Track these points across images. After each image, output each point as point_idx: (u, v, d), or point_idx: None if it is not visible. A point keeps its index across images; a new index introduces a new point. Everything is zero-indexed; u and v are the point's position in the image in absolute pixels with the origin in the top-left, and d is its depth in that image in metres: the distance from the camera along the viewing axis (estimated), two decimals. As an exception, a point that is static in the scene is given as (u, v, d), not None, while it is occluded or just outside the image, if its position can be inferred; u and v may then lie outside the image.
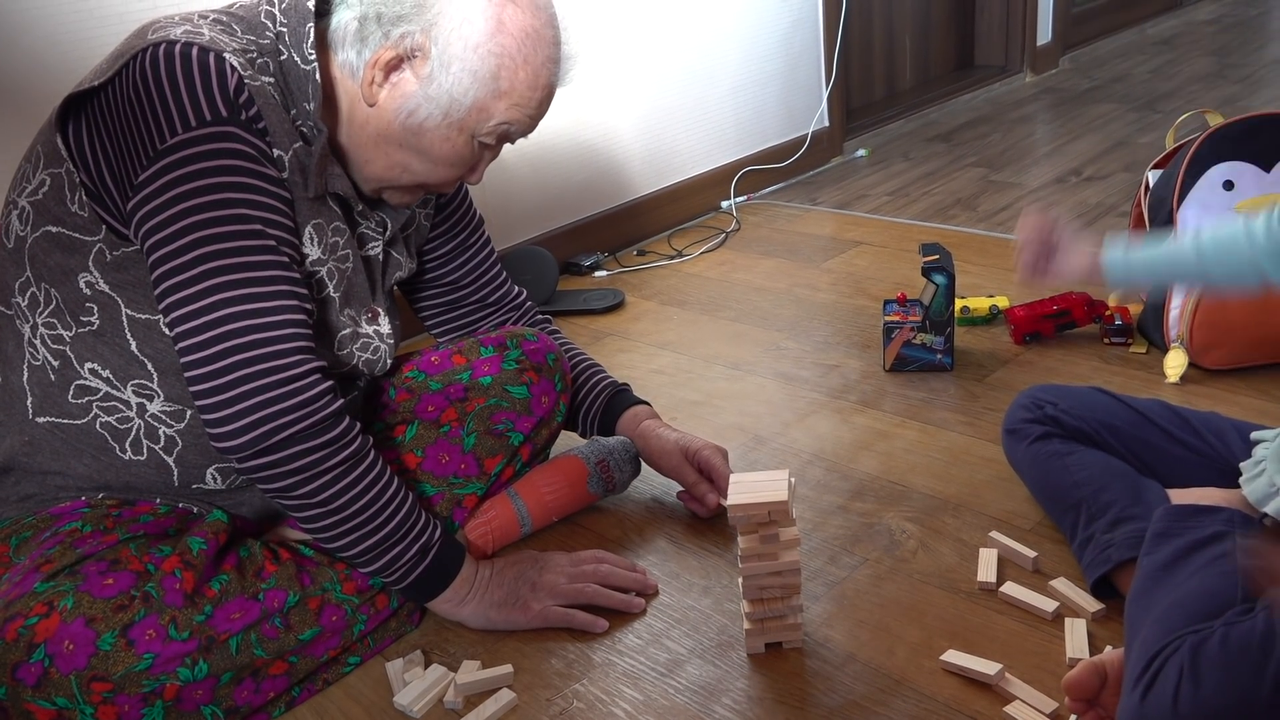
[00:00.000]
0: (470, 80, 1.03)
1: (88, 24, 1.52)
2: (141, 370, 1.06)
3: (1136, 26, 4.23)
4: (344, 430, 1.05)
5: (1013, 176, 2.66)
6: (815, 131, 2.81)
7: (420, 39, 1.02)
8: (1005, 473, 1.38)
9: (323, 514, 1.05)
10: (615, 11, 2.25)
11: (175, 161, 0.96)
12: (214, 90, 0.97)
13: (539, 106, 1.09)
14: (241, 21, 1.05)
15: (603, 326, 2.01)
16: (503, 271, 1.43)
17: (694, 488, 1.35)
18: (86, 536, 1.03)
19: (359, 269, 1.15)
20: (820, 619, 1.15)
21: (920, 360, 1.68)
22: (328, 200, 1.10)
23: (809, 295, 2.05)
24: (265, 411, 0.99)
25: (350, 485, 1.05)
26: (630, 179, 2.40)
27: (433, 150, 1.08)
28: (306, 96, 1.04)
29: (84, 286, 1.04)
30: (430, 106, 1.04)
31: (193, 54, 0.97)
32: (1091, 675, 0.94)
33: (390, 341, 1.20)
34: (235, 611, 1.03)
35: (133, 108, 0.97)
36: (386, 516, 1.08)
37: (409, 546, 1.10)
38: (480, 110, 1.05)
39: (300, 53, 1.04)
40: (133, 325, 1.05)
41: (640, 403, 1.42)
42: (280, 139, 1.03)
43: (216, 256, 0.97)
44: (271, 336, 0.99)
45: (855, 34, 3.13)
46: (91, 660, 0.95)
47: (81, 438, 1.07)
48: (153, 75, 0.96)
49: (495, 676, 1.10)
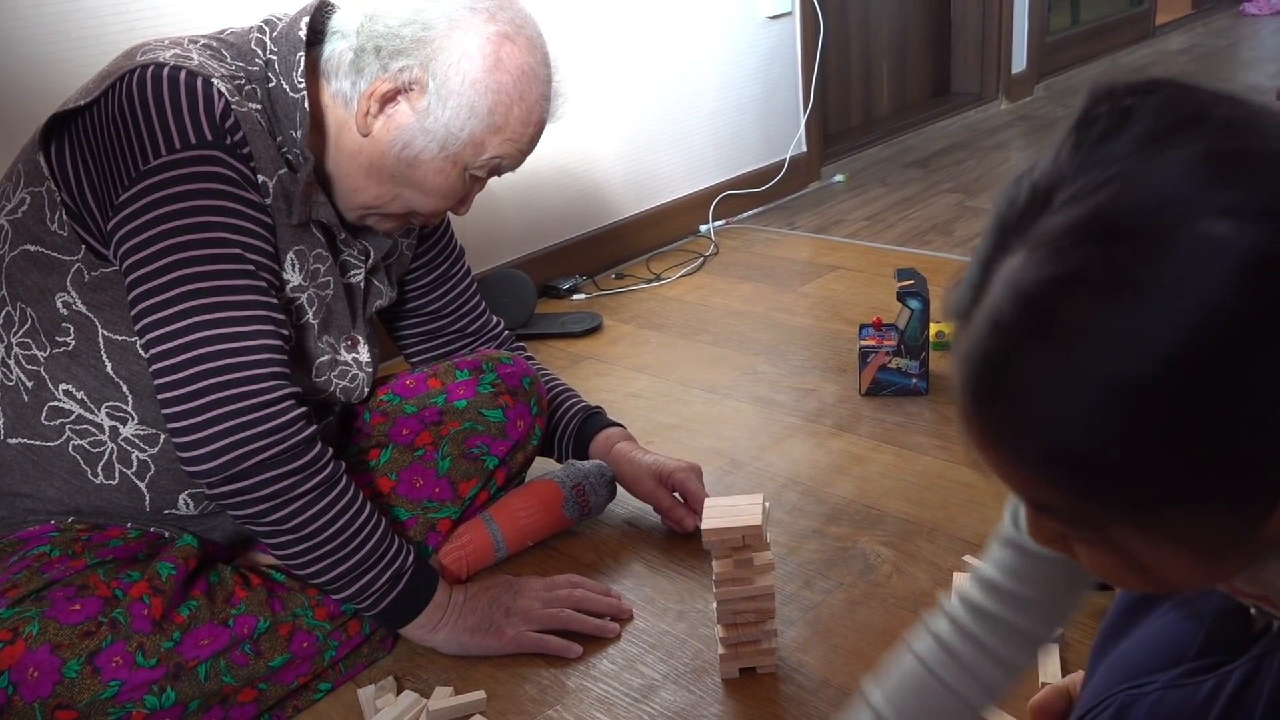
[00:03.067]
0: (467, 115, 1.05)
1: (64, 46, 1.52)
2: (116, 392, 1.05)
3: (1109, 56, 4.29)
4: (316, 456, 1.04)
5: (988, 202, 2.68)
6: (793, 157, 2.83)
7: (418, 73, 1.04)
8: (979, 496, 1.39)
9: (293, 540, 1.04)
10: (595, 37, 2.27)
11: (158, 183, 0.96)
12: (200, 114, 0.97)
13: (530, 142, 1.12)
14: (231, 48, 1.06)
15: (580, 350, 2.01)
16: (482, 302, 1.44)
17: (670, 512, 1.35)
18: (54, 561, 1.02)
19: (340, 296, 1.15)
20: (795, 644, 1.15)
21: (896, 384, 1.69)
22: (311, 227, 1.10)
23: (786, 319, 2.06)
24: (236, 436, 0.98)
25: (321, 512, 1.04)
26: (609, 203, 2.41)
27: (425, 182, 1.09)
28: (294, 124, 1.04)
29: (61, 306, 1.03)
30: (425, 139, 1.06)
31: (180, 77, 0.97)
32: (1056, 698, 0.94)
33: (369, 370, 1.20)
34: (204, 638, 1.02)
35: (118, 128, 0.97)
36: (358, 544, 1.07)
37: (380, 573, 1.09)
38: (475, 145, 1.07)
39: (290, 81, 1.04)
40: (109, 346, 1.04)
41: (613, 425, 1.42)
42: (265, 165, 1.03)
43: (194, 279, 0.97)
44: (245, 361, 0.99)
45: (833, 60, 3.16)
46: (57, 688, 0.94)
47: (53, 460, 1.06)
48: (139, 97, 0.97)
49: (468, 703, 1.09)
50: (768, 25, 2.68)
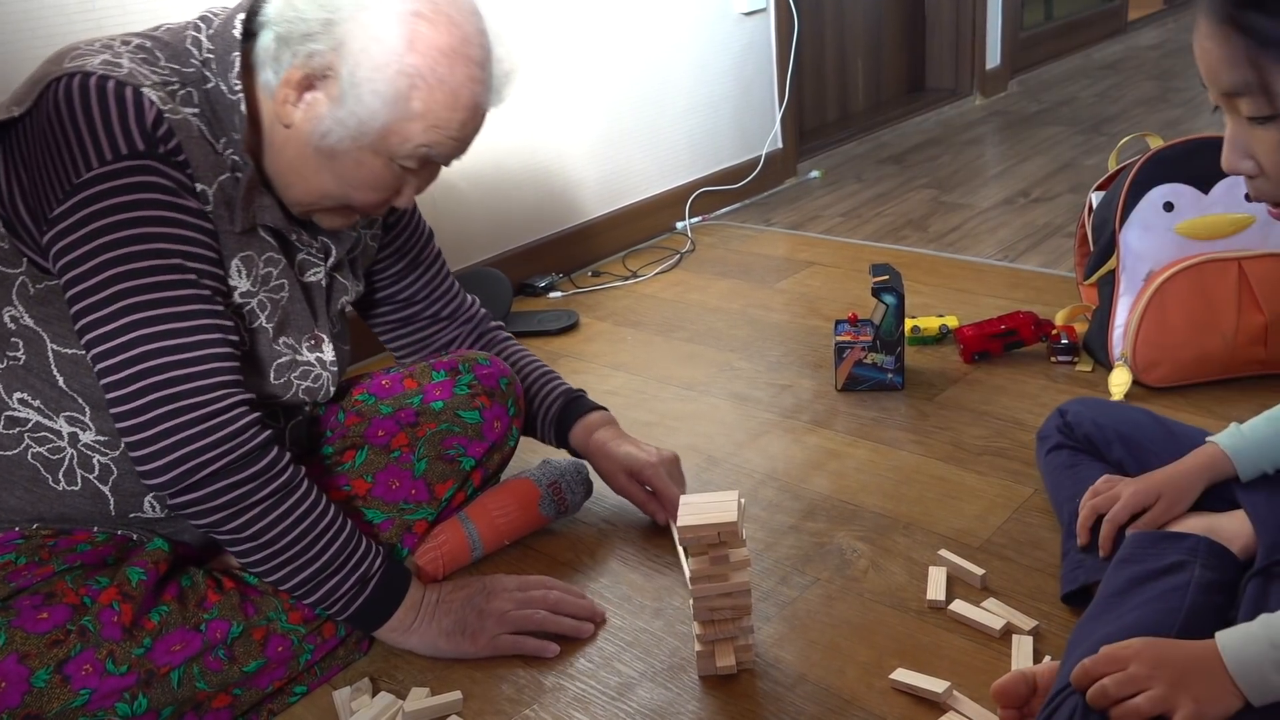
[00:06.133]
0: (378, 103, 0.99)
1: (30, 43, 1.50)
2: (73, 404, 1.03)
3: (1083, 51, 4.32)
4: (271, 462, 1.03)
5: (963, 198, 2.70)
6: (769, 153, 2.83)
7: (330, 58, 0.98)
8: (954, 491, 1.40)
9: (254, 548, 1.03)
10: (568, 33, 2.26)
11: (91, 196, 0.94)
12: (130, 124, 0.94)
13: (462, 128, 1.04)
14: (166, 48, 1.03)
15: (557, 348, 2.00)
16: (454, 284, 1.42)
17: (644, 507, 1.36)
18: (21, 569, 1.01)
19: (297, 298, 1.13)
20: (771, 639, 1.16)
21: (871, 380, 1.70)
22: (258, 231, 1.07)
23: (762, 315, 2.06)
24: (188, 448, 0.97)
25: (280, 518, 1.03)
26: (585, 200, 2.41)
27: (348, 174, 1.05)
28: (234, 126, 1.02)
29: (8, 321, 1.01)
30: (340, 130, 1.01)
31: (109, 87, 0.94)
32: (1019, 683, 0.95)
33: (334, 369, 1.18)
34: (176, 643, 1.01)
35: (46, 141, 0.95)
36: (320, 548, 1.06)
37: (346, 577, 1.08)
38: (393, 133, 1.01)
39: (226, 82, 1.01)
40: (59, 360, 1.02)
41: (594, 409, 1.41)
42: (204, 173, 1.01)
43: (134, 293, 0.95)
44: (191, 372, 0.98)
45: (808, 57, 3.17)
46: (25, 698, 0.93)
47: (12, 469, 1.04)
48: (66, 109, 0.94)
49: (444, 704, 1.08)
50: (742, 21, 2.68)
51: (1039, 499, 1.36)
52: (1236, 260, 1.54)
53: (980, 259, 2.25)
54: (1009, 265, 2.20)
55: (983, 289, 2.07)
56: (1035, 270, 2.15)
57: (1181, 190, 1.59)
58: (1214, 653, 0.82)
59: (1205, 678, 0.80)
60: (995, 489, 1.40)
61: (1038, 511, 1.34)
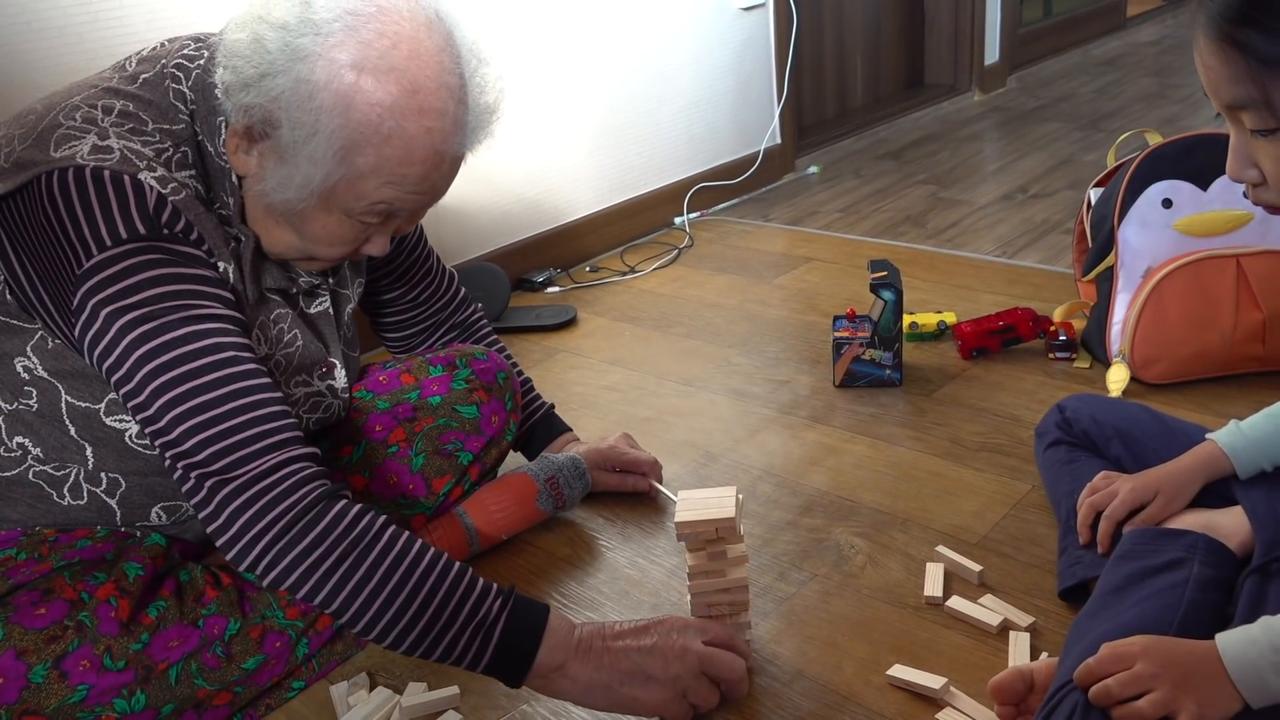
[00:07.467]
0: (321, 160, 0.91)
1: (25, 36, 1.49)
2: (78, 455, 1.01)
3: (1081, 47, 4.32)
4: (336, 516, 0.93)
5: (961, 194, 2.69)
6: (767, 149, 2.83)
7: (270, 108, 0.91)
8: (952, 487, 1.40)
9: (353, 616, 0.93)
10: (566, 29, 2.26)
11: (101, 282, 0.90)
12: (131, 211, 0.90)
13: (423, 180, 0.96)
14: (150, 107, 0.97)
15: (555, 343, 2.00)
16: (458, 294, 1.43)
17: (622, 485, 1.42)
18: (20, 565, 1.00)
19: (308, 340, 1.11)
20: (769, 635, 1.16)
21: (869, 376, 1.70)
22: (265, 295, 1.06)
23: (760, 311, 2.06)
24: (252, 523, 0.92)
25: (362, 581, 0.92)
26: (583, 195, 2.40)
27: (307, 229, 0.99)
28: (226, 190, 0.98)
29: (22, 371, 0.98)
30: (285, 189, 0.94)
31: (105, 178, 0.90)
32: (1016, 680, 0.95)
33: (344, 396, 1.19)
34: (173, 639, 1.01)
35: (45, 235, 0.91)
36: (421, 602, 0.93)
37: (463, 628, 0.94)
38: (342, 191, 0.94)
39: (214, 144, 0.97)
40: (72, 412, 1.00)
41: (564, 430, 1.47)
42: (219, 247, 0.97)
43: (172, 385, 0.91)
44: (241, 442, 0.93)
45: (806, 52, 3.17)
46: (23, 694, 0.93)
47: (14, 488, 1.01)
48: (64, 203, 0.90)
49: (441, 698, 1.08)
50: (741, 17, 2.67)
51: (1037, 495, 1.36)
52: (1235, 257, 1.54)
53: (978, 255, 2.25)
54: (1007, 261, 2.20)
55: (981, 285, 2.07)
56: (1033, 266, 2.15)
57: (1180, 187, 1.59)
58: (1216, 654, 0.82)
59: (1207, 679, 0.81)
60: (993, 485, 1.40)
61: (1035, 508, 1.34)
